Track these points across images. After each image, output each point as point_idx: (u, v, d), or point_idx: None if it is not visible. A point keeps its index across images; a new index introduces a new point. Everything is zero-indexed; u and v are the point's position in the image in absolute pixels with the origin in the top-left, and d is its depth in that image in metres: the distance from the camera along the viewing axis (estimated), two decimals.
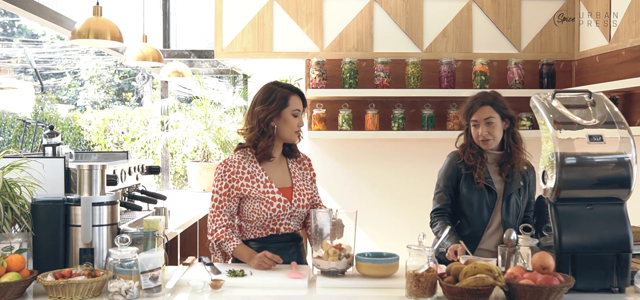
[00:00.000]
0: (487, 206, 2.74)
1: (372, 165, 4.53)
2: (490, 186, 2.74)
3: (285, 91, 2.60)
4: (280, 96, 2.58)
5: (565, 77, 4.50)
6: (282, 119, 2.58)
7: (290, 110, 2.58)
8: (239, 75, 8.26)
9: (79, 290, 1.98)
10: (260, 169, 2.60)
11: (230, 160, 2.60)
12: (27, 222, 2.22)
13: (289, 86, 2.66)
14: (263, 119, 2.56)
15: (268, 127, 2.56)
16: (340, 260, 2.28)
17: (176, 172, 9.47)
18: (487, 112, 2.73)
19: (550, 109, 2.17)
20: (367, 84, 4.38)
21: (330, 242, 2.34)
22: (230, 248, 2.53)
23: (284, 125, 2.58)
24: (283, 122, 2.58)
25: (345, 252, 2.30)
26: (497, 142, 2.76)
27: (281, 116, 2.57)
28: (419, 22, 4.46)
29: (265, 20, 4.45)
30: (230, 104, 6.84)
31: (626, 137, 2.09)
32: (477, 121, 2.75)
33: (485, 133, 2.72)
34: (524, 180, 2.77)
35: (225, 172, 2.57)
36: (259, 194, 2.55)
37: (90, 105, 15.31)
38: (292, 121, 2.58)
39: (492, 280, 1.92)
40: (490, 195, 2.74)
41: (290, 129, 2.59)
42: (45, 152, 3.12)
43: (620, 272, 2.05)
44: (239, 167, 2.58)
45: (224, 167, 2.59)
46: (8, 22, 16.32)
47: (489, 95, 2.80)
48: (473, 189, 2.75)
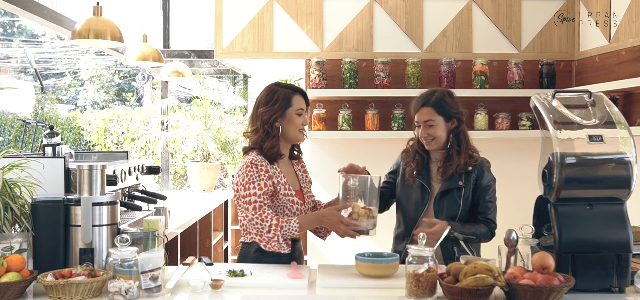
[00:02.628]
0: (420, 203, 2.75)
1: (372, 165, 4.51)
2: (424, 184, 2.75)
3: (288, 91, 2.61)
4: (283, 96, 2.58)
5: (565, 77, 4.50)
6: (286, 118, 2.58)
7: (294, 109, 2.58)
8: (239, 75, 8.26)
9: (79, 290, 1.98)
10: (279, 170, 2.60)
11: (257, 160, 2.53)
12: (27, 222, 2.22)
13: (291, 86, 2.66)
14: (267, 120, 2.56)
15: (272, 128, 2.57)
16: (369, 220, 2.46)
17: (176, 172, 9.47)
18: (427, 114, 2.72)
19: (550, 109, 2.17)
20: (367, 84, 4.38)
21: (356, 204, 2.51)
22: (294, 226, 2.46)
23: (289, 125, 2.59)
24: (287, 122, 2.58)
25: (372, 213, 2.48)
26: (440, 143, 2.73)
27: (285, 116, 2.58)
28: (419, 22, 4.46)
29: (265, 20, 4.45)
30: (230, 104, 6.84)
31: (626, 137, 2.09)
32: (418, 122, 2.75)
33: (425, 135, 2.72)
34: (467, 179, 2.73)
35: (258, 172, 2.51)
36: (282, 195, 2.56)
37: (90, 105, 15.31)
38: (297, 120, 2.59)
39: (492, 280, 1.92)
40: (423, 193, 2.75)
41: (294, 128, 2.59)
42: (45, 152, 3.12)
43: (620, 272, 2.05)
44: (267, 165, 2.55)
45: (255, 167, 2.51)
46: (8, 22, 16.32)
47: (432, 95, 2.75)
48: (406, 185, 2.81)
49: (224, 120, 6.80)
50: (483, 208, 2.75)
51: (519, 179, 4.48)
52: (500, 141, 4.41)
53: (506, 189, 4.58)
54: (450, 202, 2.72)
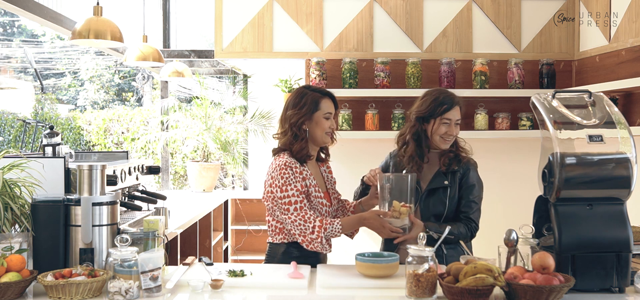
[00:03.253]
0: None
1: (372, 165, 4.50)
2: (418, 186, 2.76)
3: (317, 95, 2.64)
4: (311, 100, 2.62)
5: (565, 77, 4.50)
6: (314, 122, 2.61)
7: (322, 113, 2.62)
8: (239, 75, 8.25)
9: (79, 290, 1.98)
10: (309, 173, 2.63)
11: (290, 162, 2.57)
12: (27, 222, 2.22)
13: (320, 89, 2.70)
14: (295, 122, 2.60)
15: (300, 130, 2.60)
16: (407, 218, 2.53)
17: (176, 172, 9.47)
18: (458, 113, 2.75)
19: (550, 109, 2.17)
20: (367, 84, 4.38)
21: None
22: (337, 228, 2.50)
23: (316, 128, 2.62)
24: (315, 125, 2.62)
25: (411, 210, 2.56)
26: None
27: (313, 119, 2.61)
28: (419, 22, 4.47)
29: (265, 20, 4.45)
30: (230, 104, 6.84)
31: (626, 137, 2.09)
32: (449, 120, 2.73)
33: (452, 133, 2.72)
34: (453, 178, 2.74)
35: (294, 173, 2.55)
36: (313, 197, 2.60)
37: (90, 105, 15.31)
38: (324, 124, 2.62)
39: (492, 280, 1.92)
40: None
41: (321, 131, 2.62)
42: (45, 152, 3.12)
43: (620, 272, 2.05)
44: (300, 167, 2.59)
45: (290, 169, 2.55)
46: (8, 22, 16.32)
47: (455, 95, 2.78)
48: None
49: (224, 120, 6.79)
50: (465, 207, 2.75)
51: (519, 179, 4.49)
52: (500, 141, 4.41)
53: (506, 189, 4.59)
54: (435, 202, 2.73)
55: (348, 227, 2.57)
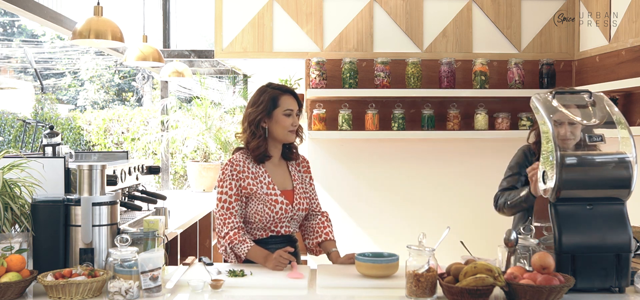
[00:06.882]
0: None
1: (372, 165, 4.53)
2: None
3: (276, 92, 2.63)
4: (269, 98, 2.61)
5: (565, 77, 4.50)
6: (273, 119, 2.60)
7: (282, 110, 2.60)
8: (239, 75, 8.26)
9: (79, 290, 1.98)
10: (264, 170, 2.62)
11: (235, 160, 2.61)
12: (27, 222, 2.22)
13: (280, 86, 2.68)
14: (253, 120, 2.60)
15: (258, 128, 2.59)
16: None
17: (176, 172, 9.47)
18: None
19: (551, 109, 2.17)
20: (367, 84, 4.38)
21: None
22: (244, 250, 2.52)
23: (276, 126, 2.60)
24: (274, 123, 2.60)
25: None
26: None
27: (272, 117, 2.60)
28: (419, 22, 4.46)
29: (265, 20, 4.45)
30: (231, 103, 6.84)
31: (626, 137, 2.09)
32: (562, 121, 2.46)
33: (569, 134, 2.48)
34: None
35: (232, 172, 2.58)
36: (263, 194, 2.58)
37: (90, 105, 15.31)
38: (284, 121, 2.60)
39: (492, 280, 1.92)
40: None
41: (282, 128, 2.60)
42: (45, 152, 3.12)
43: (620, 272, 2.05)
44: (244, 166, 2.60)
45: (230, 166, 2.59)
46: (8, 22, 16.32)
47: None
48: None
49: (224, 120, 6.80)
50: None
51: None
52: (500, 141, 4.40)
53: None
54: None
55: (253, 258, 2.51)
